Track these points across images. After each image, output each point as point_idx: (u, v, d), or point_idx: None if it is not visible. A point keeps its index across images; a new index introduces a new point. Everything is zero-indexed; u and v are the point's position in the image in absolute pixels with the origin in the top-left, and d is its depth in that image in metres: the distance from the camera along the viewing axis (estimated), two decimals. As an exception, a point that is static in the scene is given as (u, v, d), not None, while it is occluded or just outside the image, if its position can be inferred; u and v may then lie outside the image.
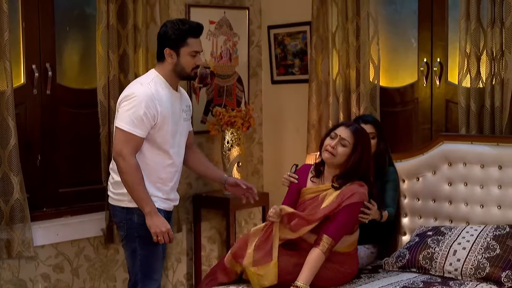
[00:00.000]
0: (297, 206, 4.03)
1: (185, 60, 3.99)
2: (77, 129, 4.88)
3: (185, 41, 3.96)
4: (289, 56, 5.76)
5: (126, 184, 3.89)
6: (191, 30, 3.99)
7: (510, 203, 4.28)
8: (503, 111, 4.41)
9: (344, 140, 3.92)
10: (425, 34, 5.02)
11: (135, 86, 3.97)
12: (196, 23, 4.06)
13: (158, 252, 4.10)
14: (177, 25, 3.98)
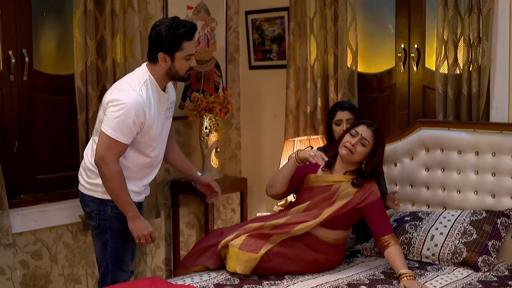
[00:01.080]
0: (303, 190, 4.12)
1: (179, 64, 3.92)
2: (55, 116, 4.84)
3: (180, 45, 3.87)
4: (266, 42, 5.76)
5: (108, 189, 3.87)
6: (186, 34, 3.88)
7: (486, 188, 4.34)
8: (480, 97, 4.45)
9: (365, 140, 4.00)
10: (402, 21, 5.04)
11: (127, 92, 3.85)
12: (190, 24, 3.93)
13: (129, 244, 4.10)
14: (171, 28, 3.85)
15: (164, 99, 4.02)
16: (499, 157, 4.28)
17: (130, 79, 3.98)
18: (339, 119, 4.51)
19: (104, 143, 3.82)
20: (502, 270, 3.99)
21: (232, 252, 3.82)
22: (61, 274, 4.84)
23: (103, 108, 3.94)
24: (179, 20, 3.93)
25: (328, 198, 3.99)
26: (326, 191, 4.02)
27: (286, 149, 5.05)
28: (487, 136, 4.34)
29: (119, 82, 4.04)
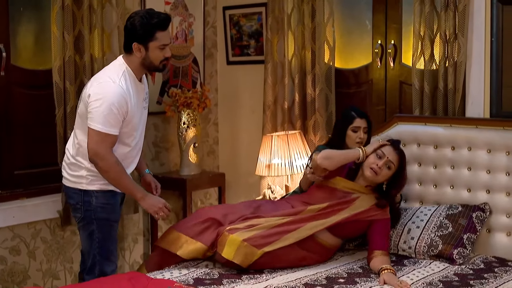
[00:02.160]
0: (320, 187, 4.21)
1: (153, 54, 3.98)
2: (32, 111, 4.84)
3: (154, 35, 3.93)
4: (244, 37, 5.78)
5: (110, 180, 3.95)
6: (159, 24, 3.94)
7: (462, 183, 4.40)
8: (456, 93, 4.50)
9: (391, 162, 4.08)
10: (379, 17, 5.10)
11: (106, 85, 3.92)
12: (163, 15, 4.00)
13: (114, 234, 4.15)
14: (145, 18, 3.92)
15: (141, 90, 4.09)
16: (475, 151, 4.34)
17: (108, 71, 4.04)
18: (357, 126, 4.46)
19: (94, 139, 3.88)
20: (477, 263, 4.04)
21: (233, 241, 3.81)
22: (39, 269, 4.84)
23: (83, 101, 3.99)
24: (153, 11, 4.00)
25: (346, 203, 4.07)
26: (345, 197, 4.11)
27: (264, 144, 5.09)
28: (463, 131, 4.39)
29: (98, 75, 4.08)
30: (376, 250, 3.97)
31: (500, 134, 4.25)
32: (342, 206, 4.06)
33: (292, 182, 5.16)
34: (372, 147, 4.12)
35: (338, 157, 4.14)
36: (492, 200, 4.28)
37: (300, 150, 5.04)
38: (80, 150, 4.02)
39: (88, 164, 3.99)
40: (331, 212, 4.03)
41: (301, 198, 4.26)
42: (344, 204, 4.07)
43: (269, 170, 5.05)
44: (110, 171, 3.91)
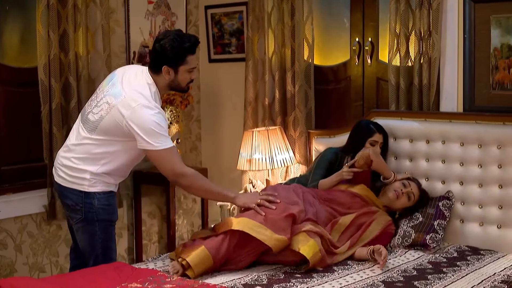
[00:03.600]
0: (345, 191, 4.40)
1: (182, 77, 3.98)
2: (18, 108, 4.92)
3: (185, 59, 3.92)
4: (226, 36, 5.89)
5: (198, 194, 4.08)
6: (190, 48, 3.93)
7: (437, 175, 4.54)
8: (431, 88, 4.63)
9: (412, 194, 4.39)
10: (357, 15, 5.22)
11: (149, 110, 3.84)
12: (193, 38, 3.97)
13: (113, 232, 4.16)
14: (176, 42, 3.88)
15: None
16: (448, 145, 4.47)
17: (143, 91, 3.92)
18: (375, 140, 4.56)
19: (165, 158, 3.88)
20: (451, 252, 4.19)
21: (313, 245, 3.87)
22: (25, 263, 4.93)
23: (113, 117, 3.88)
24: (183, 33, 3.98)
25: (368, 214, 4.26)
26: (366, 206, 4.32)
27: (245, 139, 5.20)
28: (437, 125, 4.53)
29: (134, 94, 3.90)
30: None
31: (472, 128, 4.39)
32: (367, 218, 4.24)
33: (273, 176, 5.28)
34: (401, 176, 4.45)
35: (383, 161, 4.46)
36: (465, 192, 4.42)
37: (280, 145, 5.15)
38: (89, 158, 3.95)
39: (94, 169, 3.95)
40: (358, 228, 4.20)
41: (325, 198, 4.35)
42: (368, 216, 4.25)
43: (250, 164, 5.15)
44: (195, 186, 3.94)
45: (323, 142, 5.05)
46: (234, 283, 3.66)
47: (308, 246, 3.86)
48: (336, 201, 4.34)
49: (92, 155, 3.94)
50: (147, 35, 5.58)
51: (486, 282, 3.65)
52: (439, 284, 3.62)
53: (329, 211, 4.25)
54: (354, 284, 3.64)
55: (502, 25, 4.41)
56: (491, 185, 4.32)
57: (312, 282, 3.68)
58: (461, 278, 3.72)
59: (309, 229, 3.94)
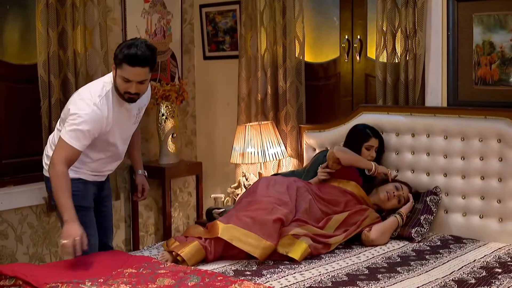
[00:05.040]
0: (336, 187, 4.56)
1: (118, 80, 3.97)
2: (19, 103, 5.06)
3: (120, 64, 3.91)
4: (220, 34, 6.03)
5: (52, 188, 3.96)
6: (126, 57, 3.88)
7: (422, 167, 4.70)
8: (416, 83, 4.77)
9: (403, 198, 4.55)
10: (346, 13, 5.36)
11: (86, 105, 3.96)
12: (138, 53, 3.89)
13: (89, 220, 4.20)
14: (125, 46, 3.92)
15: (126, 109, 4.12)
16: (433, 138, 4.63)
17: (93, 88, 4.08)
18: (371, 145, 4.68)
19: (58, 146, 3.96)
20: (435, 241, 4.36)
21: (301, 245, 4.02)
22: (26, 253, 5.08)
23: (66, 109, 4.09)
24: (140, 44, 3.92)
25: (360, 212, 4.42)
26: (359, 206, 4.46)
27: (238, 134, 5.34)
28: (422, 119, 4.68)
29: (84, 89, 4.13)
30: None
31: (456, 122, 4.54)
32: (359, 216, 4.39)
33: (265, 169, 5.44)
34: (383, 168, 4.59)
35: (352, 155, 4.59)
36: (448, 183, 4.58)
37: (272, 139, 5.30)
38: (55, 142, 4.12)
39: None
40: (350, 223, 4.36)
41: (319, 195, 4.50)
42: (360, 215, 4.40)
43: (243, 158, 5.29)
44: (54, 179, 3.90)
45: (314, 136, 5.21)
46: (225, 269, 3.83)
47: (295, 248, 4.01)
48: (330, 199, 4.49)
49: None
50: (143, 33, 5.72)
51: (466, 268, 3.82)
52: (421, 269, 3.80)
53: (322, 209, 4.41)
54: (340, 269, 3.81)
55: (484, 23, 4.55)
56: (474, 177, 4.48)
57: (299, 268, 3.85)
58: (442, 264, 3.89)
59: (296, 233, 4.09)
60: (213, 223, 4.12)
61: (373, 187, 4.64)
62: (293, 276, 3.71)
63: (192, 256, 3.92)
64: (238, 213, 4.20)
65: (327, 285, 3.56)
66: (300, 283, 3.60)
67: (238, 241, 3.96)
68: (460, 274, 3.71)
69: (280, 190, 4.40)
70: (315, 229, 4.23)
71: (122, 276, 3.57)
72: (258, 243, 3.95)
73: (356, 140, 4.71)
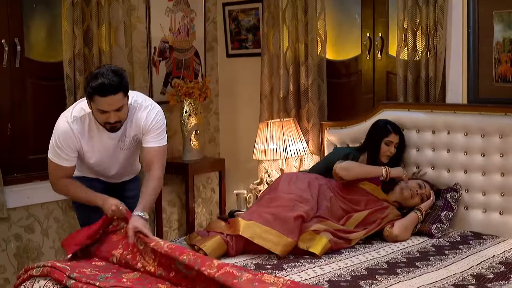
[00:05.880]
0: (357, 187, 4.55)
1: (95, 114, 3.88)
2: (45, 100, 5.14)
3: (92, 98, 3.79)
4: (242, 31, 6.10)
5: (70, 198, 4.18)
6: (96, 89, 3.75)
7: (442, 164, 4.73)
8: (436, 81, 4.80)
9: (426, 196, 4.56)
10: (368, 11, 5.39)
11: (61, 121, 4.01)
12: (105, 82, 3.73)
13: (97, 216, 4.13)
14: (92, 77, 3.79)
15: (110, 137, 4.03)
16: (453, 135, 4.66)
17: (74, 108, 4.04)
18: (391, 141, 4.71)
19: (49, 166, 4.08)
20: (455, 237, 4.39)
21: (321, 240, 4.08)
22: (52, 247, 5.18)
23: None
24: (106, 73, 3.78)
25: (380, 210, 4.45)
26: (379, 204, 4.49)
27: (260, 130, 5.41)
28: (442, 116, 4.70)
29: (69, 108, 4.13)
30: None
31: (476, 119, 4.56)
32: (379, 214, 4.43)
33: (287, 166, 5.49)
34: (397, 171, 4.57)
35: (357, 169, 4.54)
36: (469, 179, 4.60)
37: (294, 136, 5.35)
38: None
39: None
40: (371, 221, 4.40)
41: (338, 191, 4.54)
42: (380, 212, 4.45)
43: (265, 154, 5.35)
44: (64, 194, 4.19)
45: (335, 133, 5.26)
46: (246, 262, 3.90)
47: (316, 243, 4.07)
48: (351, 197, 4.52)
49: None
50: (167, 31, 5.81)
51: (485, 263, 3.85)
52: (439, 264, 3.84)
53: (343, 207, 4.45)
54: (359, 264, 3.86)
55: (504, 20, 4.57)
56: (494, 173, 4.50)
57: (320, 262, 3.91)
58: (461, 259, 3.93)
59: (317, 229, 4.15)
60: (234, 220, 4.18)
61: (395, 184, 4.66)
62: (313, 270, 3.77)
63: (213, 250, 3.98)
64: (259, 209, 4.26)
65: (346, 279, 3.61)
66: (320, 276, 3.65)
67: (259, 239, 4.02)
68: (478, 269, 3.74)
69: (302, 187, 4.44)
70: (335, 224, 4.28)
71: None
72: (279, 240, 4.01)
73: (376, 135, 4.76)
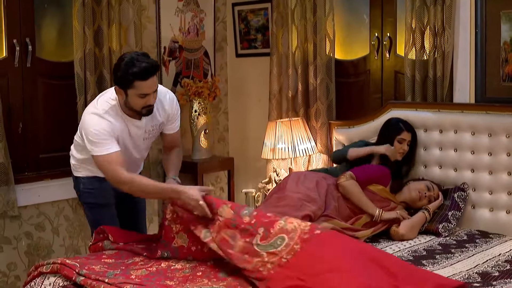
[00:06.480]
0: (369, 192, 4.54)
1: (133, 101, 3.88)
2: (56, 99, 5.20)
3: (132, 84, 3.81)
4: (252, 31, 6.14)
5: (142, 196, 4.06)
6: (137, 74, 3.78)
7: (449, 163, 4.74)
8: (444, 80, 4.82)
9: (433, 198, 4.56)
10: (376, 11, 5.41)
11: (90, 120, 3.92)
12: (145, 64, 3.80)
13: (109, 216, 4.26)
14: (126, 65, 3.80)
15: (134, 125, 4.04)
16: (460, 134, 4.67)
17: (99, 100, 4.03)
18: (403, 138, 4.73)
19: (101, 164, 3.90)
20: (461, 236, 4.41)
21: None
22: (62, 245, 5.23)
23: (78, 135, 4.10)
24: (139, 58, 3.83)
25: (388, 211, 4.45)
26: (386, 205, 4.49)
27: (269, 130, 5.44)
28: (450, 115, 4.72)
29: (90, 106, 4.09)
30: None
31: (483, 118, 4.57)
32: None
33: (295, 165, 5.52)
34: (389, 215, 4.41)
35: (354, 197, 4.45)
36: (476, 179, 4.62)
37: (302, 135, 5.39)
38: (76, 145, 4.21)
39: (78, 156, 4.18)
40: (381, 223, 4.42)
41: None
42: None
43: (274, 153, 5.38)
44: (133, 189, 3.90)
45: (343, 132, 5.28)
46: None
47: None
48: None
49: (77, 142, 4.18)
50: (177, 31, 5.86)
51: (491, 262, 3.87)
52: (445, 262, 3.86)
53: (351, 207, 4.47)
54: (366, 262, 3.89)
55: (511, 20, 4.59)
56: (501, 172, 4.51)
57: (326, 260, 3.93)
58: (467, 258, 3.95)
59: (324, 227, 4.15)
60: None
61: (403, 185, 4.68)
62: (320, 267, 3.79)
63: None
64: (267, 209, 4.28)
65: (352, 276, 3.64)
66: (326, 274, 3.67)
67: None
68: (484, 267, 3.77)
69: (310, 186, 4.47)
70: (342, 223, 4.31)
71: None
72: None
73: (388, 133, 4.78)
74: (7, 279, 4.95)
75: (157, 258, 3.83)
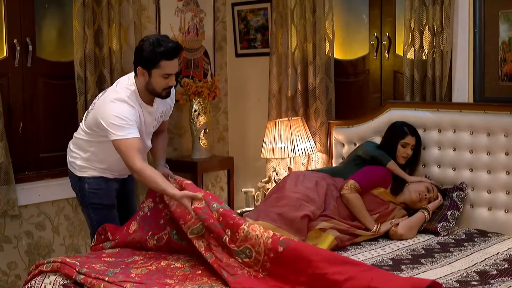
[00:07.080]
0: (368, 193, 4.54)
1: (156, 81, 3.97)
2: (56, 99, 5.21)
3: (158, 63, 3.91)
4: (251, 31, 6.15)
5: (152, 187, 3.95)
6: (165, 53, 3.90)
7: (447, 163, 4.76)
8: (443, 80, 4.84)
9: (433, 199, 4.58)
10: (375, 11, 5.43)
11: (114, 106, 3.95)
12: (172, 44, 3.94)
13: (112, 215, 4.33)
14: (152, 45, 3.89)
15: (148, 112, 4.12)
16: (459, 133, 4.69)
17: (118, 88, 4.08)
18: (407, 142, 4.72)
19: (121, 150, 3.89)
20: (460, 234, 4.43)
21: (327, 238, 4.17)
22: (62, 244, 5.25)
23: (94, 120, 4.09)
24: (164, 38, 3.97)
25: (387, 215, 4.48)
26: (385, 208, 4.50)
27: (269, 129, 5.45)
28: (448, 115, 4.74)
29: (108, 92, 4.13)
30: None
31: (481, 117, 4.59)
32: (387, 217, 4.48)
33: (295, 164, 5.54)
34: (386, 226, 4.42)
35: (358, 210, 4.42)
36: (474, 178, 4.64)
37: (301, 134, 5.40)
38: (80, 143, 4.24)
39: (84, 155, 4.21)
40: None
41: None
42: (387, 216, 4.48)
43: (273, 153, 5.39)
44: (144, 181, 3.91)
45: (343, 131, 5.30)
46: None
47: (322, 240, 4.13)
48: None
49: (82, 141, 4.21)
50: (176, 31, 5.87)
51: (489, 260, 3.89)
52: (444, 261, 3.88)
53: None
54: (365, 260, 3.90)
55: (510, 20, 4.60)
56: (499, 172, 4.53)
57: (325, 258, 3.95)
58: (465, 256, 3.97)
59: (323, 227, 4.20)
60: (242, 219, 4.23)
61: (403, 186, 4.68)
62: (319, 266, 3.81)
63: None
64: (266, 208, 4.30)
65: (351, 275, 3.65)
66: (325, 273, 3.69)
67: None
68: (482, 266, 3.79)
69: (309, 186, 4.47)
70: (341, 223, 4.32)
71: None
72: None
73: (392, 136, 4.78)
74: (7, 278, 4.96)
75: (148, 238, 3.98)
